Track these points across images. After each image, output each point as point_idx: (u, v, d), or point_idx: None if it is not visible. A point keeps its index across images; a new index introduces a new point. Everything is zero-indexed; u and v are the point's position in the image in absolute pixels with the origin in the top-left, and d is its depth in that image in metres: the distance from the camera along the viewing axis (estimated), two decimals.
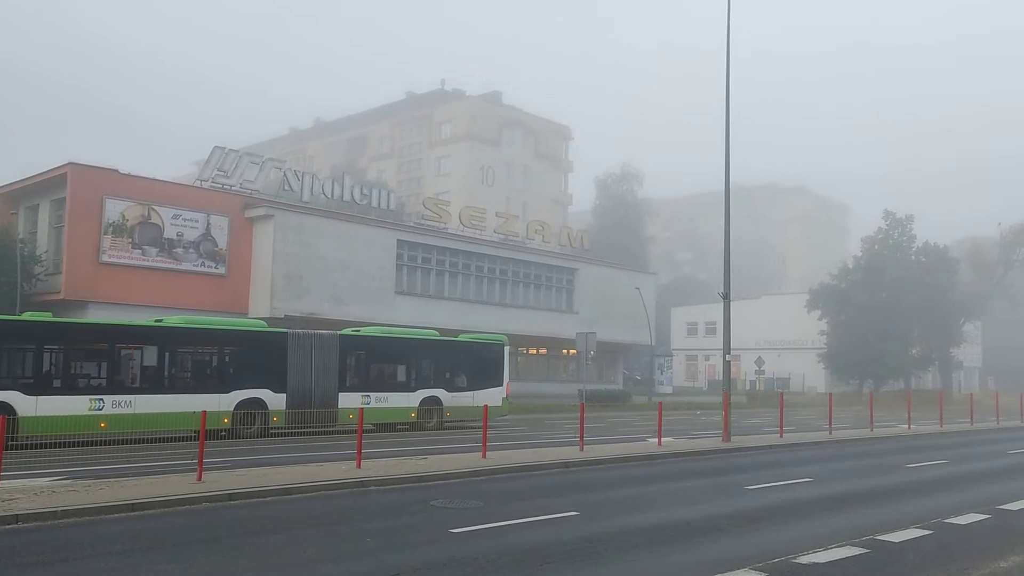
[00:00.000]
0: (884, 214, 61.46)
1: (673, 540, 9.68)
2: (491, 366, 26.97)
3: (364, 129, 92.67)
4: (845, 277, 61.01)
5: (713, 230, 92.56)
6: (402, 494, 12.72)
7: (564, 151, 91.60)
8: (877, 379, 58.48)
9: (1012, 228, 62.69)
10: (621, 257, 62.29)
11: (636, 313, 49.16)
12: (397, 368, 25.17)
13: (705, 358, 75.46)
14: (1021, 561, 8.89)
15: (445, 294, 44.50)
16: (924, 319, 59.06)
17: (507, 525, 10.31)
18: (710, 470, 16.66)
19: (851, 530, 10.21)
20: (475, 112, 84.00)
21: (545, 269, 50.26)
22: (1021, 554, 9.20)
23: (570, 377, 50.53)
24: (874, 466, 17.77)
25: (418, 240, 43.77)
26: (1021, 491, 13.89)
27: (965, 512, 11.64)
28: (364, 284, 39.49)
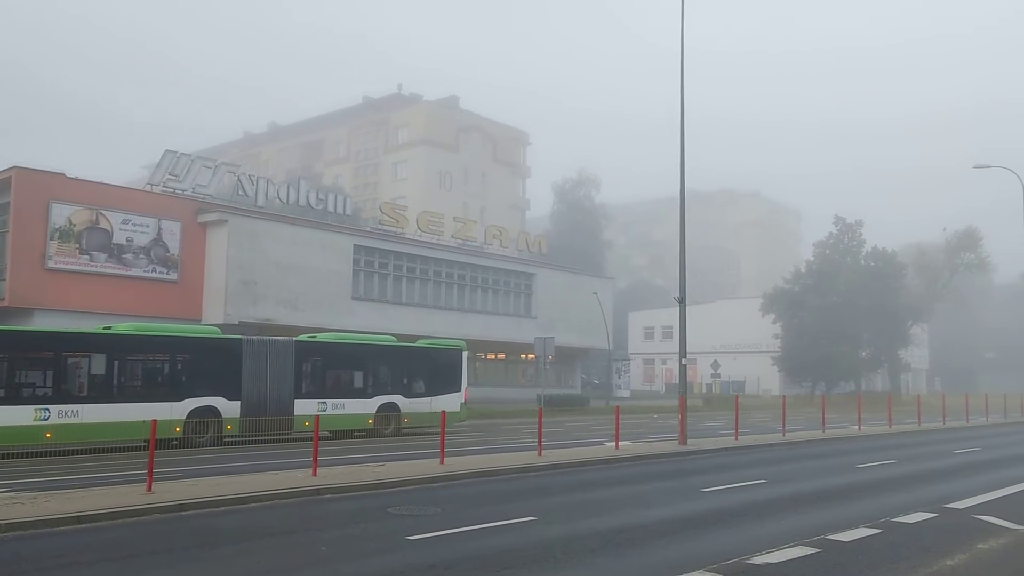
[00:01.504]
0: (835, 219, 62.84)
1: (630, 543, 9.73)
2: (449, 372, 26.89)
3: (320, 133, 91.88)
4: (798, 281, 62.16)
5: (669, 235, 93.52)
6: (359, 502, 12.61)
7: (522, 156, 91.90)
8: (829, 381, 59.65)
9: (956, 233, 64.43)
10: (579, 262, 62.62)
11: (594, 318, 49.44)
12: (354, 374, 24.95)
13: (662, 362, 76.20)
14: (967, 559, 9.12)
15: (403, 299, 44.25)
16: (874, 322, 60.44)
17: (465, 531, 10.28)
18: (667, 473, 16.81)
19: (803, 530, 10.38)
20: (432, 117, 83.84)
21: (503, 274, 50.28)
22: (967, 552, 9.44)
23: (528, 382, 50.58)
24: (826, 467, 18.11)
25: (375, 245, 43.47)
26: (967, 490, 14.26)
27: (913, 511, 11.91)
28: (320, 290, 39.08)
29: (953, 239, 64.48)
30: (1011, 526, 10.96)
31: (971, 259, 64.33)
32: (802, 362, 59.65)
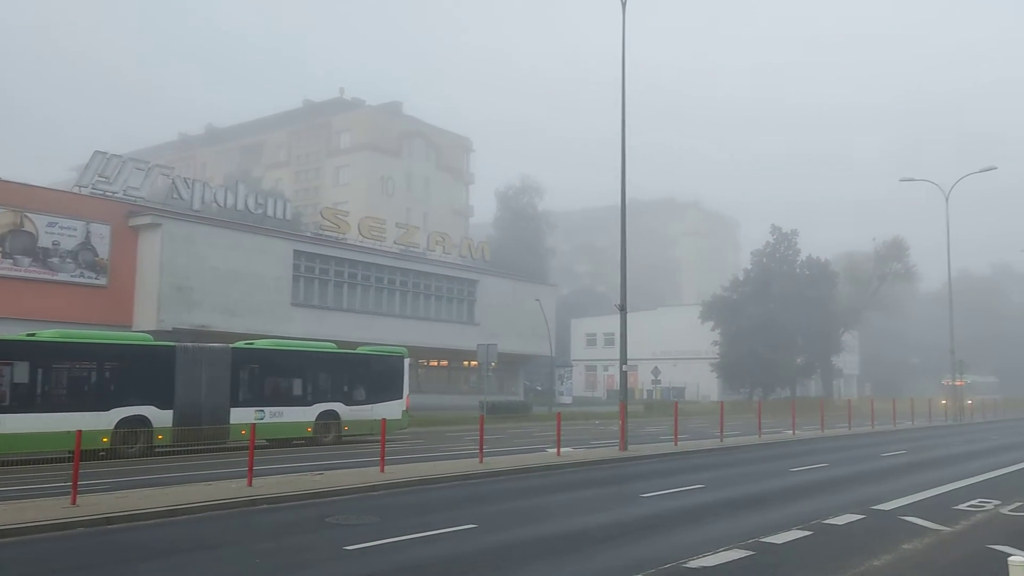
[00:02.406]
0: (772, 228, 64.34)
1: (570, 549, 9.76)
2: (391, 379, 26.64)
3: (259, 136, 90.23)
4: (736, 289, 63.42)
5: (611, 243, 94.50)
6: (295, 512, 12.38)
7: (465, 163, 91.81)
8: (766, 387, 60.98)
9: (885, 243, 66.59)
10: (522, 269, 62.78)
11: (537, 325, 49.62)
12: (293, 382, 24.50)
13: (604, 368, 76.84)
14: (892, 559, 9.40)
15: (344, 306, 43.74)
16: (808, 329, 62.00)
17: (404, 540, 10.17)
18: (607, 479, 16.93)
19: (738, 534, 10.56)
20: (375, 122, 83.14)
21: (446, 281, 50.13)
22: (892, 552, 9.72)
23: (471, 389, 50.48)
24: (761, 471, 18.47)
25: (316, 251, 42.89)
26: (893, 492, 14.72)
27: (842, 513, 12.23)
28: (259, 296, 38.37)
29: (881, 249, 66.63)
30: (933, 527, 11.33)
31: (898, 268, 66.58)
32: (740, 368, 60.85)
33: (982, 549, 9.79)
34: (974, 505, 13.34)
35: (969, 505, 13.33)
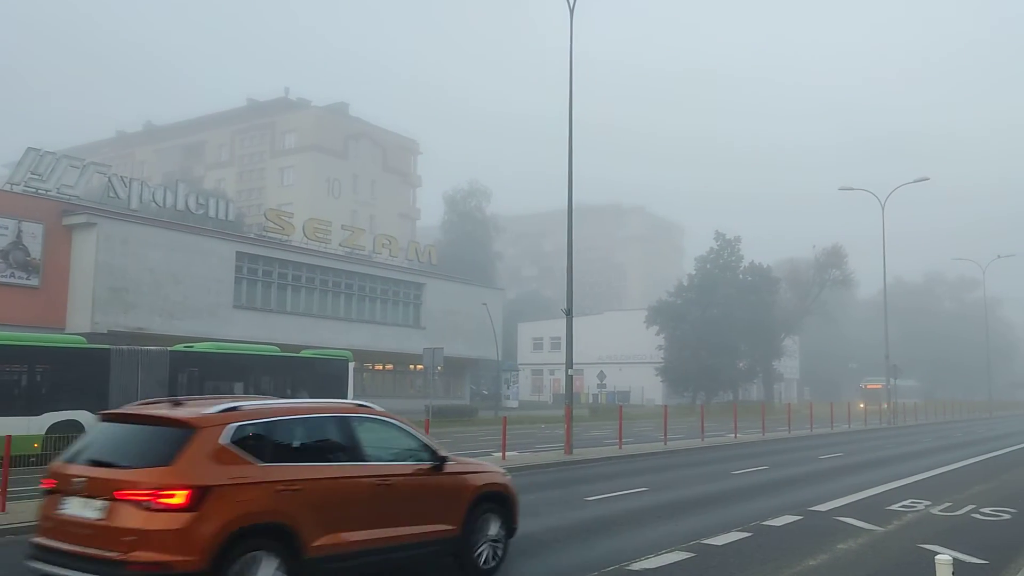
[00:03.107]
0: (716, 235, 65.49)
1: (514, 553, 9.71)
2: (334, 383, 26.28)
3: (201, 135, 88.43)
4: (680, 294, 64.37)
5: (559, 247, 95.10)
6: None
7: (412, 165, 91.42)
8: (709, 391, 61.98)
9: (825, 251, 68.40)
10: (469, 272, 62.73)
11: (483, 328, 49.59)
12: (233, 385, 23.95)
13: (550, 372, 77.18)
14: (827, 559, 9.62)
15: (287, 309, 43.10)
16: (750, 334, 63.27)
17: None
18: (552, 483, 16.96)
19: (680, 536, 10.69)
20: (321, 122, 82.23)
21: (392, 284, 49.78)
22: (827, 552, 9.95)
23: (417, 393, 50.17)
24: (703, 474, 18.73)
25: (259, 252, 42.18)
26: (830, 493, 15.07)
27: (781, 514, 12.46)
28: (199, 298, 37.55)
29: (821, 256, 68.41)
30: (867, 527, 11.63)
31: (837, 275, 68.44)
32: (684, 373, 61.74)
33: (913, 548, 10.07)
34: (906, 505, 13.73)
35: (901, 506, 13.72)
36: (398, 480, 7.74)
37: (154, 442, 6.58)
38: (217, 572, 6.14)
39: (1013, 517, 12.75)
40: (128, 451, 6.67)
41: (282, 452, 7.07)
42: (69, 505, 6.47)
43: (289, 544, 6.64)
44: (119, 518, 6.12)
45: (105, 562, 6.04)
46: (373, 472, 7.57)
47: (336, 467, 7.38)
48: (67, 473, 6.65)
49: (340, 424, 7.75)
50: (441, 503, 8.11)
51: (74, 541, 6.30)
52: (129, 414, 7.19)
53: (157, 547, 6.02)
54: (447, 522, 8.09)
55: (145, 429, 6.86)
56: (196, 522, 6.10)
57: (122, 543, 6.04)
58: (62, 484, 6.62)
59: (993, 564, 9.33)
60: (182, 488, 6.14)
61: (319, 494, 6.98)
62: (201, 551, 6.09)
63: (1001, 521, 12.43)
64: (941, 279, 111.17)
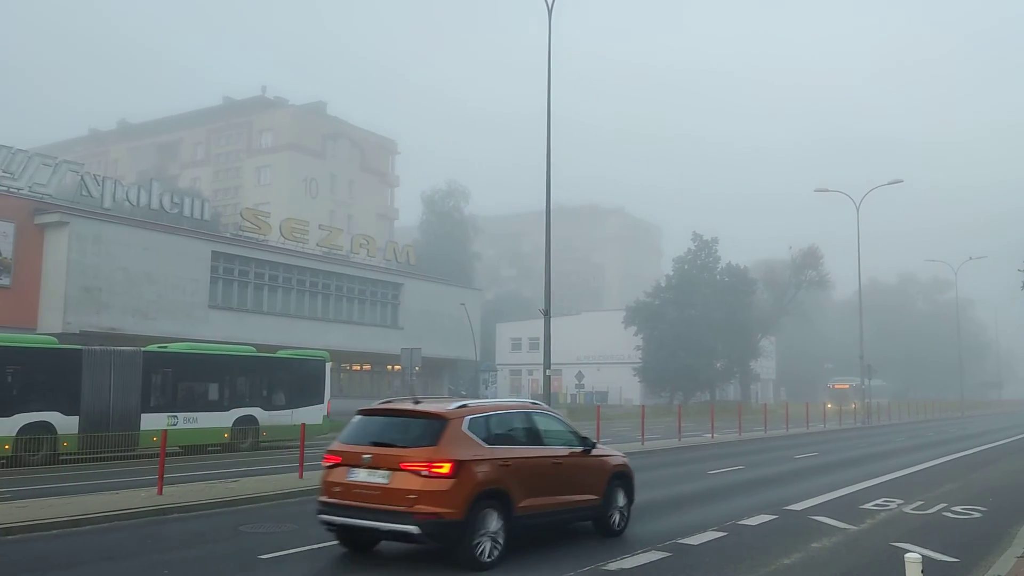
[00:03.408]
0: (693, 236, 65.81)
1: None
2: (312, 383, 26.17)
3: (176, 134, 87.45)
4: (658, 295, 64.60)
5: (537, 247, 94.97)
6: (209, 520, 12.00)
7: (390, 165, 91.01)
8: (686, 391, 62.27)
9: (801, 252, 68.95)
10: (447, 273, 62.60)
11: (461, 329, 49.52)
12: (208, 386, 23.79)
13: (529, 373, 77.15)
14: (802, 557, 9.70)
15: (264, 309, 42.76)
16: (727, 335, 63.65)
17: (321, 547, 9.95)
18: None
19: (655, 535, 10.73)
20: (298, 121, 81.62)
21: (370, 284, 49.56)
22: (802, 551, 10.03)
23: (394, 393, 49.95)
24: (679, 474, 18.83)
25: (235, 252, 41.81)
26: (804, 492, 15.19)
27: (756, 514, 12.55)
28: (174, 298, 37.15)
29: (798, 257, 68.96)
30: (841, 525, 11.74)
31: (813, 276, 69.02)
32: (661, 373, 61.97)
33: (885, 546, 10.17)
34: (879, 504, 13.88)
35: (874, 504, 13.86)
36: (564, 460, 10.18)
37: (420, 429, 9.01)
38: (468, 521, 8.50)
39: (983, 515, 12.93)
40: (401, 436, 9.05)
41: (496, 437, 9.43)
42: (356, 474, 8.84)
43: (506, 504, 8.99)
44: (402, 482, 8.49)
45: (394, 513, 8.44)
46: (549, 454, 10.03)
47: (529, 448, 9.85)
48: (352, 451, 9.02)
49: (527, 417, 10.30)
50: (590, 478, 10.55)
51: (364, 500, 8.69)
52: (390, 409, 9.59)
53: (431, 502, 8.37)
54: (594, 493, 10.51)
55: (409, 420, 9.29)
56: (456, 486, 8.47)
57: (406, 499, 8.42)
58: (348, 459, 9.00)
59: (964, 562, 9.46)
60: (447, 461, 8.53)
61: (521, 469, 9.35)
62: (459, 506, 8.45)
63: (971, 519, 12.60)
64: (914, 280, 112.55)
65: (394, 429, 9.27)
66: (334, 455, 9.25)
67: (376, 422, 9.51)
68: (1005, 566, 8.86)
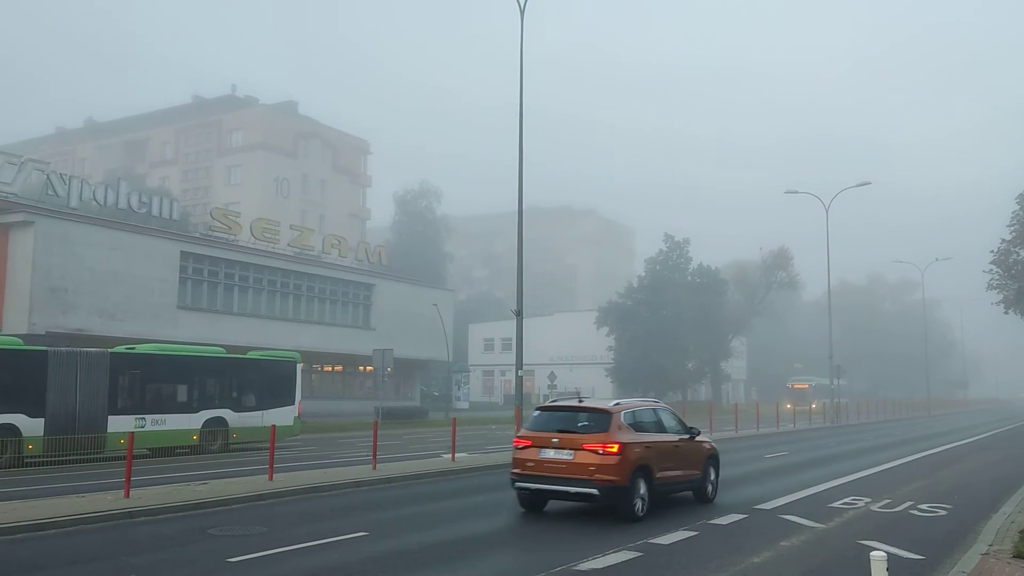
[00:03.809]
0: (665, 237, 66.18)
1: (462, 555, 9.71)
2: (282, 384, 25.92)
3: (144, 132, 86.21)
4: (631, 295, 64.86)
5: (510, 248, 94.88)
6: (176, 523, 11.84)
7: (363, 165, 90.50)
8: (658, 391, 62.44)
9: (771, 253, 69.59)
10: (419, 273, 62.39)
11: (434, 329, 49.36)
12: (177, 388, 23.47)
13: (501, 373, 77.17)
14: (771, 556, 9.78)
15: (234, 309, 42.32)
16: (699, 335, 64.09)
17: (291, 550, 9.89)
18: (501, 484, 16.83)
19: (627, 536, 10.76)
20: (269, 121, 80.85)
21: (342, 284, 49.26)
22: (771, 550, 10.12)
23: (367, 394, 49.74)
24: None
25: (204, 252, 41.34)
26: (774, 491, 15.34)
27: (727, 513, 12.66)
28: (142, 299, 36.64)
29: (768, 258, 69.59)
30: (810, 524, 11.87)
31: (783, 277, 69.69)
32: (634, 373, 62.22)
33: (853, 544, 10.30)
34: (847, 503, 14.06)
35: (843, 503, 14.03)
36: (679, 444, 13.43)
37: (593, 421, 12.34)
38: (630, 487, 11.78)
39: (949, 513, 13.14)
40: (579, 425, 12.34)
41: (639, 426, 12.76)
42: (547, 453, 12.11)
43: (649, 476, 12.23)
44: (584, 459, 11.77)
45: (580, 480, 11.77)
46: (671, 439, 13.30)
47: (659, 435, 13.08)
48: (541, 436, 12.32)
49: (655, 412, 13.66)
50: (694, 458, 13.76)
51: (554, 472, 12.00)
52: (567, 407, 13.13)
53: (607, 473, 11.64)
54: (696, 469, 13.78)
55: (583, 414, 12.59)
56: (622, 461, 11.71)
57: (588, 471, 11.69)
58: (538, 442, 12.27)
59: (929, 559, 9.60)
60: (616, 444, 11.79)
61: (656, 450, 12.64)
62: (625, 475, 11.73)
63: (937, 517, 12.80)
64: (883, 281, 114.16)
65: (572, 420, 12.55)
66: (525, 439, 12.60)
67: (556, 415, 12.92)
68: (970, 563, 9.01)
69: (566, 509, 13.25)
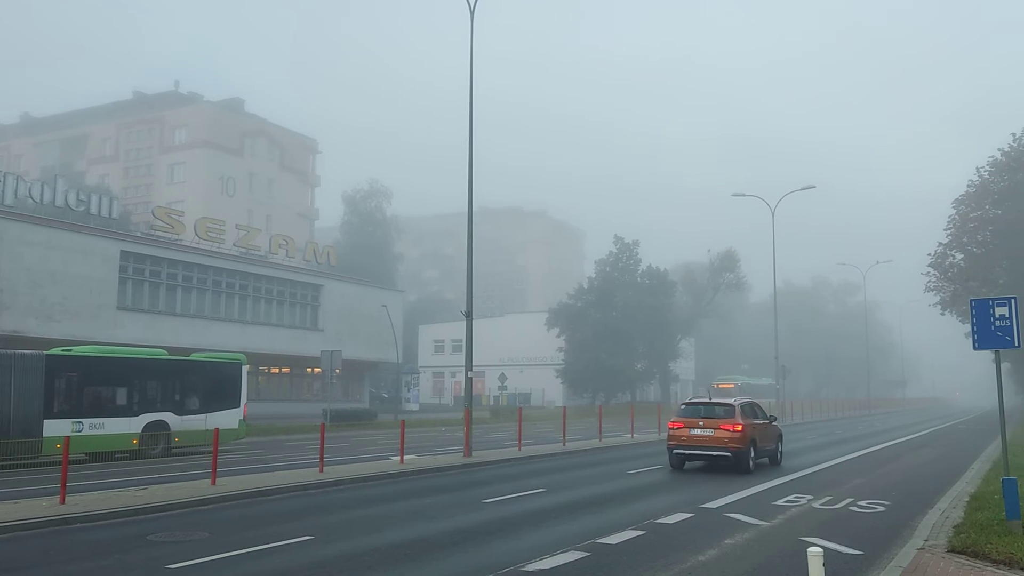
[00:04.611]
0: (615, 239, 66.69)
1: (409, 558, 9.62)
2: (227, 386, 25.42)
3: (83, 128, 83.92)
4: (581, 297, 65.24)
5: (460, 249, 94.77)
6: (115, 530, 11.51)
7: (311, 164, 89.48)
8: (608, 392, 63.07)
9: (719, 255, 70.67)
10: (369, 274, 61.89)
11: (383, 331, 48.98)
12: (116, 391, 22.84)
13: (451, 375, 76.96)
14: (716, 554, 9.91)
15: (177, 310, 41.43)
16: (648, 336, 64.75)
17: (234, 555, 9.69)
18: (450, 485, 16.87)
19: (576, 536, 10.80)
20: (214, 118, 79.40)
21: (289, 285, 48.59)
22: (716, 548, 10.26)
23: (314, 396, 49.15)
24: (600, 474, 19.02)
25: (146, 252, 40.39)
26: (720, 490, 15.56)
27: (674, 513, 12.78)
28: (81, 299, 35.64)
29: (716, 260, 70.64)
30: (754, 522, 12.07)
31: (731, 279, 70.81)
32: (583, 374, 62.58)
33: (795, 541, 10.49)
34: (790, 500, 14.33)
35: (786, 501, 14.30)
36: (766, 425, 20.34)
37: (723, 410, 19.32)
38: (747, 451, 18.74)
39: (887, 509, 13.48)
40: (714, 413, 19.31)
41: (748, 414, 19.51)
42: (694, 431, 19.15)
43: (755, 445, 19.28)
44: (720, 434, 18.78)
45: (718, 447, 18.81)
46: (762, 423, 20.17)
47: (757, 420, 19.90)
48: (690, 420, 19.37)
49: (752, 405, 20.47)
50: (772, 434, 20.75)
51: (700, 443, 19.11)
52: (704, 402, 20.29)
53: (736, 443, 18.62)
54: (773, 443, 20.85)
55: (716, 406, 19.56)
56: (743, 436, 18.65)
57: (723, 442, 18.75)
58: (688, 424, 19.31)
59: (868, 554, 9.83)
60: (741, 425, 18.80)
61: (756, 429, 19.49)
62: (745, 445, 18.71)
63: (876, 513, 13.12)
64: (826, 283, 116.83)
65: (711, 410, 19.58)
66: (678, 422, 19.73)
67: (699, 407, 20.09)
68: (906, 558, 9.25)
69: (517, 512, 13.25)
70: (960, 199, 48.61)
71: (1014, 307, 10.97)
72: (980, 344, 11.24)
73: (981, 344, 11.23)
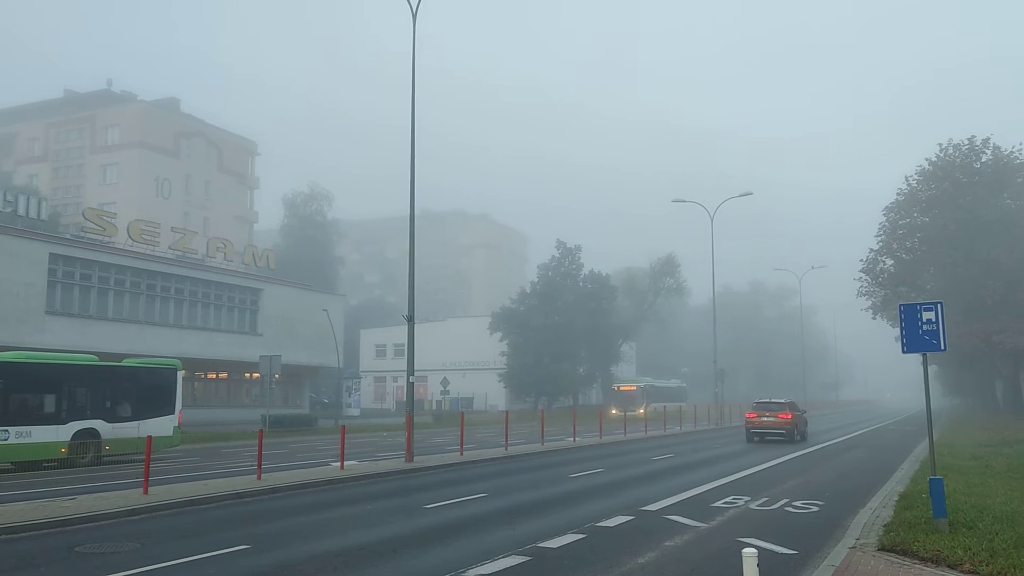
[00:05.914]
0: (557, 243, 67.04)
1: (347, 566, 9.47)
2: (161, 393, 24.74)
3: (10, 127, 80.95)
4: (524, 301, 65.39)
5: (402, 253, 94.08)
6: (39, 542, 11.07)
7: (250, 166, 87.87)
8: (550, 396, 63.29)
9: (660, 260, 71.60)
10: (310, 278, 61.02)
11: (324, 335, 48.32)
12: (43, 398, 22.03)
13: (394, 380, 76.31)
14: (655, 556, 10.00)
15: (110, 315, 40.20)
16: (590, 341, 65.23)
17: (165, 567, 9.40)
18: (391, 491, 16.70)
19: (516, 540, 10.77)
20: (148, 118, 77.35)
21: (227, 289, 47.58)
22: (656, 550, 10.35)
23: (253, 402, 48.20)
24: (542, 478, 19.05)
25: (77, 255, 39.10)
26: (660, 493, 15.73)
27: (614, 515, 12.86)
28: (6, 303, 34.31)
29: (656, 265, 71.57)
30: (693, 524, 12.22)
31: (671, 283, 71.81)
32: (526, 378, 62.71)
33: (732, 542, 10.65)
34: (728, 502, 14.55)
35: (724, 502, 14.52)
36: (800, 415, 34.55)
37: (779, 407, 33.63)
38: (794, 431, 32.78)
39: (821, 509, 13.80)
40: (774, 409, 33.40)
41: (793, 409, 33.80)
42: (764, 419, 32.77)
43: (798, 427, 33.50)
44: (779, 421, 32.64)
45: (778, 429, 32.49)
46: (799, 412, 34.71)
47: (796, 412, 34.16)
48: (760, 412, 33.15)
49: (794, 403, 35.52)
50: (801, 420, 34.37)
51: (767, 426, 32.67)
52: (767, 401, 35.29)
53: (787, 425, 32.55)
54: (803, 426, 34.70)
55: (776, 404, 34.09)
56: (792, 421, 32.71)
57: (781, 425, 32.57)
58: (760, 415, 32.95)
59: (802, 554, 10.04)
60: (792, 415, 32.96)
61: (798, 418, 33.80)
62: (794, 427, 32.88)
63: (810, 513, 13.41)
64: (764, 288, 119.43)
65: (772, 406, 33.42)
66: (753, 413, 33.04)
67: (765, 404, 33.89)
68: (838, 557, 9.47)
69: (458, 517, 13.17)
70: (890, 206, 50.26)
71: (940, 312, 11.31)
72: (908, 347, 11.57)
73: (909, 347, 11.55)
